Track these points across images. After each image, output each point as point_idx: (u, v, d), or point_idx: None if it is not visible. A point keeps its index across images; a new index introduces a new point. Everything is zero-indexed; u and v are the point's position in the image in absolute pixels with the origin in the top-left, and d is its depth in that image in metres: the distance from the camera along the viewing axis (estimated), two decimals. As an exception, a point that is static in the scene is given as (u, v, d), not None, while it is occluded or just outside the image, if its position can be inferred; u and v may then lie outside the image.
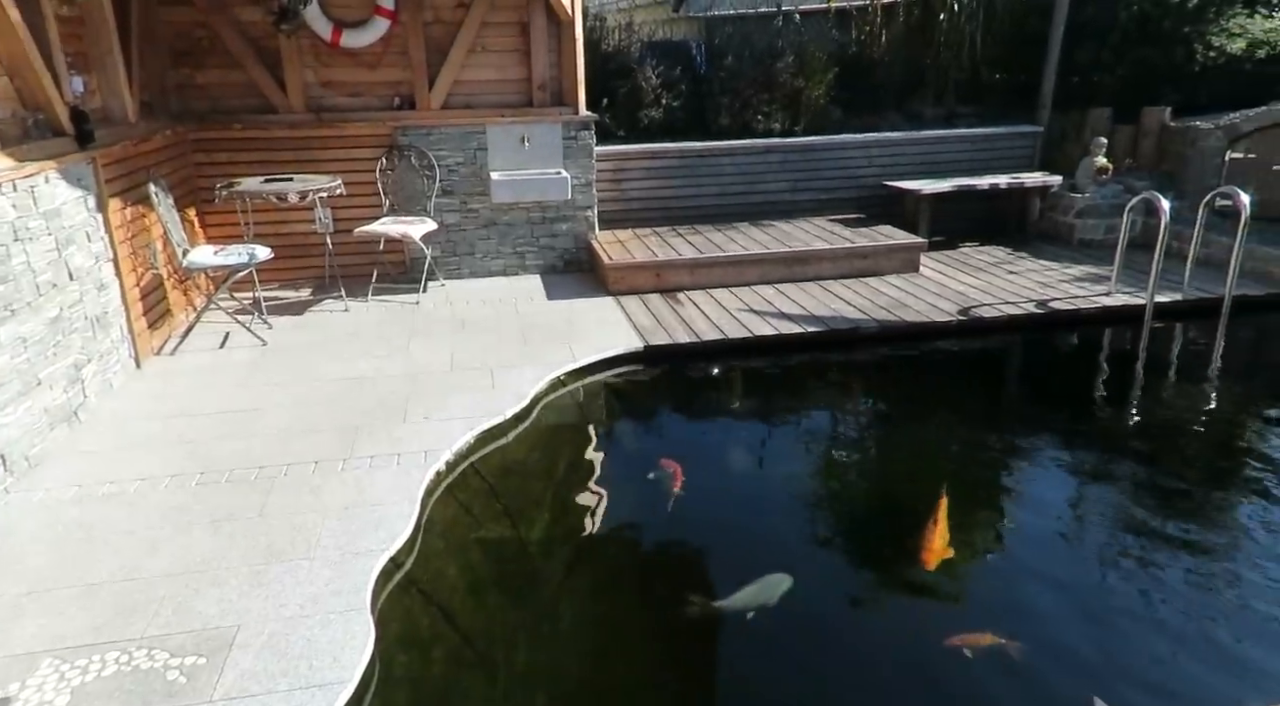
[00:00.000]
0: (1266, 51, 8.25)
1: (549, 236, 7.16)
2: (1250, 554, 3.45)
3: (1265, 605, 3.12)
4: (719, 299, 6.37)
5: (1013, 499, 4.13)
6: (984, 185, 7.83)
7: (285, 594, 2.99)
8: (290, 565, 3.16)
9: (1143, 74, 8.41)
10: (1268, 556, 3.42)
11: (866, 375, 5.60)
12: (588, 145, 6.99)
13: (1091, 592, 3.30)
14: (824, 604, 3.29)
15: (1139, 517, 3.78)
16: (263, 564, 3.17)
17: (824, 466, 4.43)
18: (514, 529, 3.82)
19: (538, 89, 6.88)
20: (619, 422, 5.09)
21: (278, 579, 3.08)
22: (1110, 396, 5.21)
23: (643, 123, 8.03)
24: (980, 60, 8.76)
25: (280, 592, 3.00)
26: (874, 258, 6.90)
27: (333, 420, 4.40)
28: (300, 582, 3.05)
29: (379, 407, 4.55)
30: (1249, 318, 6.11)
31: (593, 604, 3.33)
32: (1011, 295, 6.28)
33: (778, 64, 8.18)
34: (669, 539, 3.82)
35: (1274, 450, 4.39)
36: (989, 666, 2.87)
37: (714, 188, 7.94)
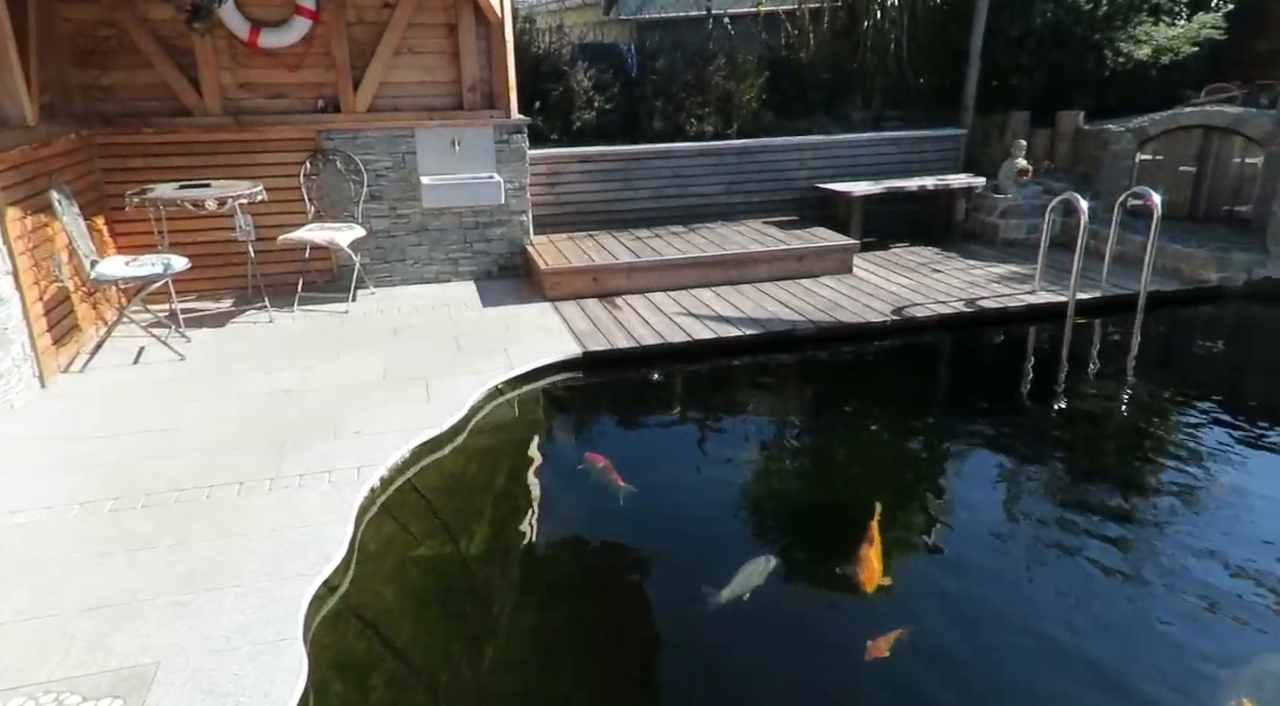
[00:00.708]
0: (1170, 58, 8.66)
1: (483, 242, 7.02)
2: (1177, 543, 3.58)
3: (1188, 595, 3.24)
4: (657, 303, 6.34)
5: (947, 496, 4.21)
6: (912, 187, 8.00)
7: (210, 625, 2.82)
8: (214, 594, 2.98)
9: (1058, 79, 8.73)
10: (1191, 542, 3.55)
11: (805, 377, 5.65)
12: (520, 149, 6.88)
13: (1018, 587, 3.38)
14: (769, 611, 3.28)
15: (1064, 507, 3.89)
16: (184, 594, 2.99)
17: (765, 470, 4.44)
18: (454, 545, 3.71)
19: (468, 91, 6.74)
20: (559, 431, 5.01)
21: (201, 609, 2.90)
22: (1038, 391, 5.36)
23: (576, 126, 7.96)
24: (905, 64, 8.97)
25: (204, 624, 2.83)
26: (809, 259, 6.97)
27: (258, 437, 4.20)
28: (226, 612, 2.89)
29: (307, 423, 4.36)
30: (1162, 312, 6.39)
31: (537, 618, 3.25)
32: (942, 295, 6.43)
33: (709, 67, 8.21)
34: (611, 548, 3.77)
35: (1188, 437, 4.58)
36: (907, 663, 2.89)
37: (649, 191, 7.92)
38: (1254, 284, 6.61)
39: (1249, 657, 2.91)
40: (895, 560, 3.51)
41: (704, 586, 3.21)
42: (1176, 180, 7.74)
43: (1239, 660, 2.90)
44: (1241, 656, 2.92)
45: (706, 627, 3.15)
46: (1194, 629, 3.04)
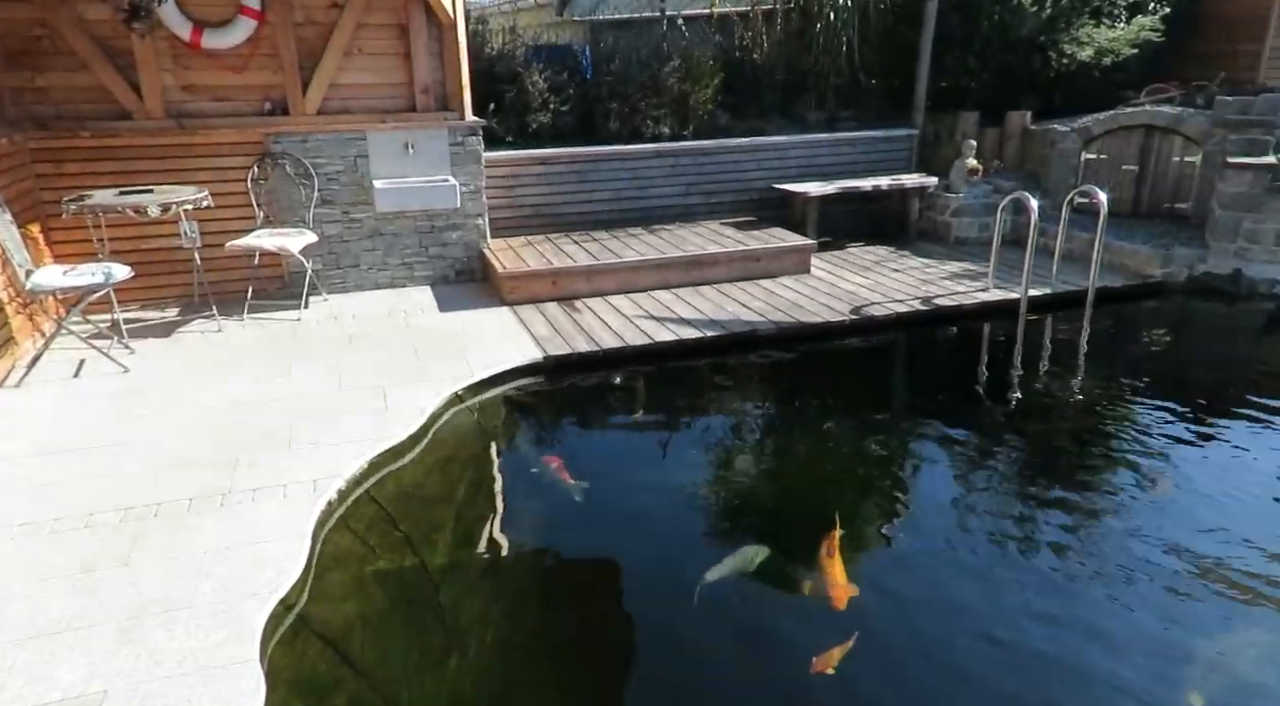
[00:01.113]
0: (1110, 59, 8.90)
1: (438, 246, 6.91)
2: (1129, 533, 3.66)
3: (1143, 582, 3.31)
4: (617, 305, 6.31)
5: (907, 493, 4.25)
6: (867, 186, 8.10)
7: (161, 650, 2.71)
8: (165, 617, 2.87)
9: (1005, 79, 8.91)
10: (1143, 528, 3.63)
11: (767, 377, 5.66)
12: (475, 151, 6.79)
13: (976, 583, 3.42)
14: (736, 613, 3.27)
15: (1020, 501, 3.96)
16: (133, 618, 2.86)
17: (729, 472, 4.42)
18: (415, 557, 3.62)
19: (421, 93, 6.62)
20: (521, 437, 4.94)
21: (151, 634, 2.78)
22: (994, 387, 5.45)
23: (532, 128, 7.88)
24: (857, 66, 9.07)
25: (155, 649, 2.71)
26: (767, 260, 7.00)
27: (208, 452, 4.07)
28: (177, 636, 2.77)
29: (260, 435, 4.23)
30: (1110, 307, 6.56)
31: (502, 628, 3.19)
32: (898, 293, 6.50)
33: (664, 68, 8.20)
34: (575, 554, 3.73)
35: (1137, 429, 4.69)
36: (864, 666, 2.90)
37: (606, 193, 7.88)
38: (1195, 279, 6.82)
39: (1209, 638, 2.99)
40: (853, 560, 3.55)
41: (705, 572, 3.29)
42: (1120, 178, 7.96)
43: (1198, 642, 2.97)
44: (1200, 639, 2.99)
45: (672, 632, 3.14)
46: (1153, 615, 3.10)
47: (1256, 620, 3.08)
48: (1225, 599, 3.19)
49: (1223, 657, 2.93)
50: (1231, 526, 3.64)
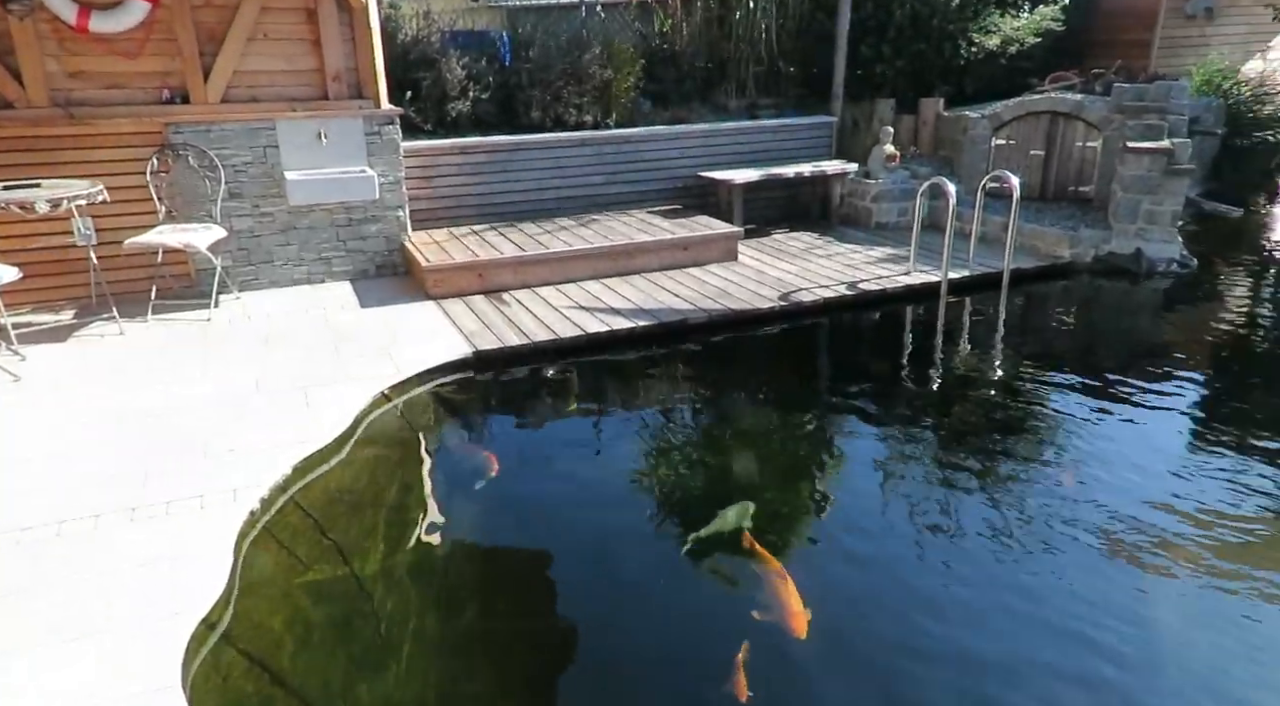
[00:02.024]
0: (1016, 47, 9.22)
1: (357, 240, 6.65)
2: (1046, 500, 3.80)
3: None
4: (546, 297, 6.20)
5: (840, 476, 4.31)
6: (790, 174, 8.18)
7: (69, 682, 2.51)
8: (73, 646, 2.66)
9: (919, 67, 9.14)
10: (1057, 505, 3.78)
11: (700, 365, 5.65)
12: (393, 141, 6.56)
13: (905, 560, 3.49)
14: (675, 605, 3.25)
15: (945, 477, 4.07)
16: (37, 648, 2.65)
17: (664, 462, 4.40)
18: (346, 565, 3.47)
19: (332, 81, 6.34)
20: (452, 435, 4.80)
21: (57, 666, 2.58)
22: (919, 367, 5.59)
23: (451, 116, 7.67)
24: (776, 54, 9.15)
25: (62, 682, 2.51)
26: (695, 248, 7.00)
27: (115, 463, 3.81)
28: (87, 666, 2.58)
29: (172, 443, 3.99)
30: (1024, 287, 6.80)
31: (440, 631, 3.09)
32: (824, 279, 6.60)
33: (585, 56, 8.09)
34: (512, 551, 3.65)
35: (1052, 402, 4.88)
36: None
37: (530, 182, 7.74)
38: (1100, 259, 7.14)
39: (1137, 595, 3.12)
40: (789, 543, 3.61)
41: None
42: (1028, 163, 8.25)
43: (1125, 600, 3.10)
44: (1125, 597, 3.12)
45: (611, 626, 3.11)
46: (1078, 576, 3.22)
47: (1164, 575, 3.24)
48: (1135, 558, 3.33)
49: (1143, 613, 3.07)
50: (1134, 490, 3.82)
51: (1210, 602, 3.14)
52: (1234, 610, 3.09)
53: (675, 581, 3.41)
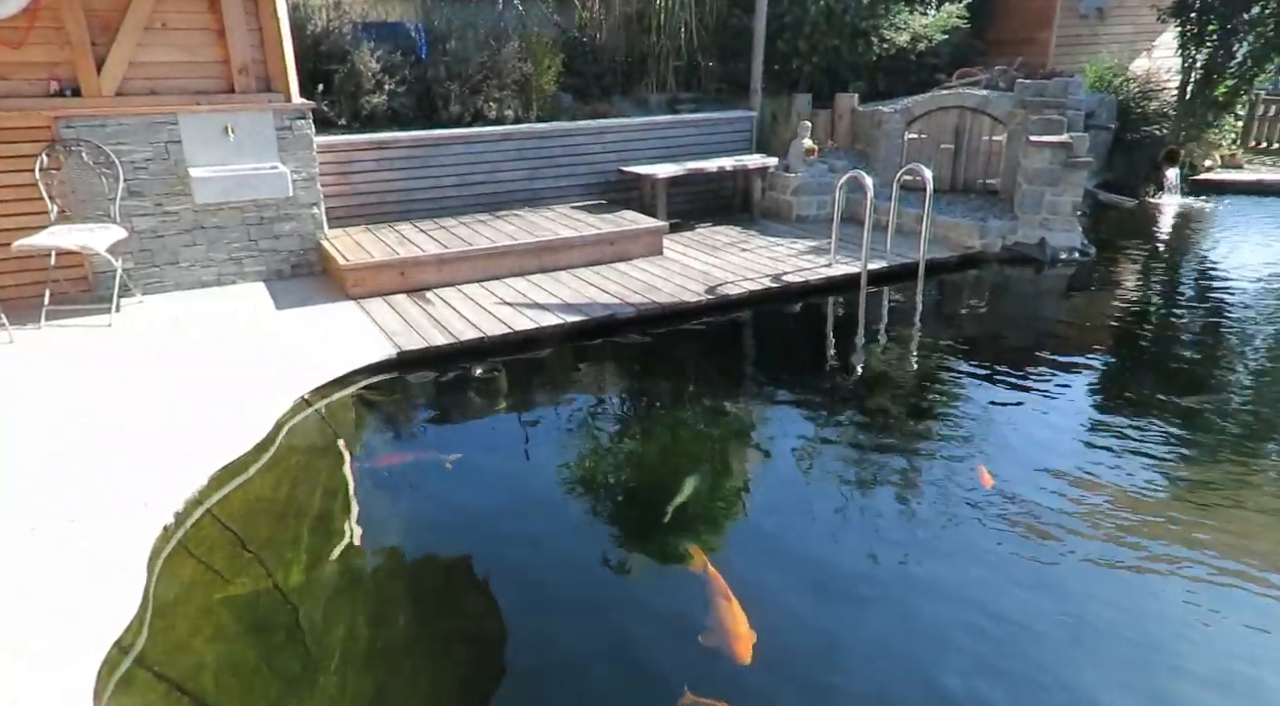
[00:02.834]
0: (925, 44, 9.53)
1: (270, 239, 6.40)
2: (963, 481, 3.95)
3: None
4: (471, 295, 6.10)
5: (767, 466, 4.38)
6: (713, 168, 8.26)
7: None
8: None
9: (833, 63, 9.35)
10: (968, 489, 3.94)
11: (629, 360, 5.65)
12: (306, 136, 6.32)
13: (833, 545, 3.59)
14: (611, 602, 3.25)
15: (868, 462, 4.19)
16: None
17: (595, 459, 4.39)
18: (269, 577, 3.34)
19: (239, 73, 6.07)
20: (377, 439, 4.66)
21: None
22: (842, 356, 5.73)
23: (366, 110, 7.44)
24: (695, 48, 9.21)
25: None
26: (621, 243, 6.99)
27: (13, 481, 3.56)
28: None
29: (76, 458, 3.76)
30: (939, 277, 7.05)
31: (371, 640, 3.01)
32: (749, 272, 6.69)
33: (504, 49, 7.97)
34: (441, 555, 3.58)
35: (966, 386, 5.08)
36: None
37: (450, 178, 7.59)
38: (1008, 249, 7.46)
39: (1043, 568, 3.27)
40: (719, 536, 3.66)
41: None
42: (939, 157, 8.55)
43: (1043, 568, 3.25)
44: (1043, 565, 3.28)
45: (547, 630, 3.08)
46: (991, 552, 3.36)
47: (1067, 548, 3.41)
48: (1042, 532, 3.50)
49: (1050, 584, 3.23)
50: (1047, 465, 4.01)
51: (1109, 572, 3.32)
52: (1134, 580, 3.27)
53: (612, 580, 3.41)
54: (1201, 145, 10.58)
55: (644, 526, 3.79)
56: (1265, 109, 11.45)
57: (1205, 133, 10.40)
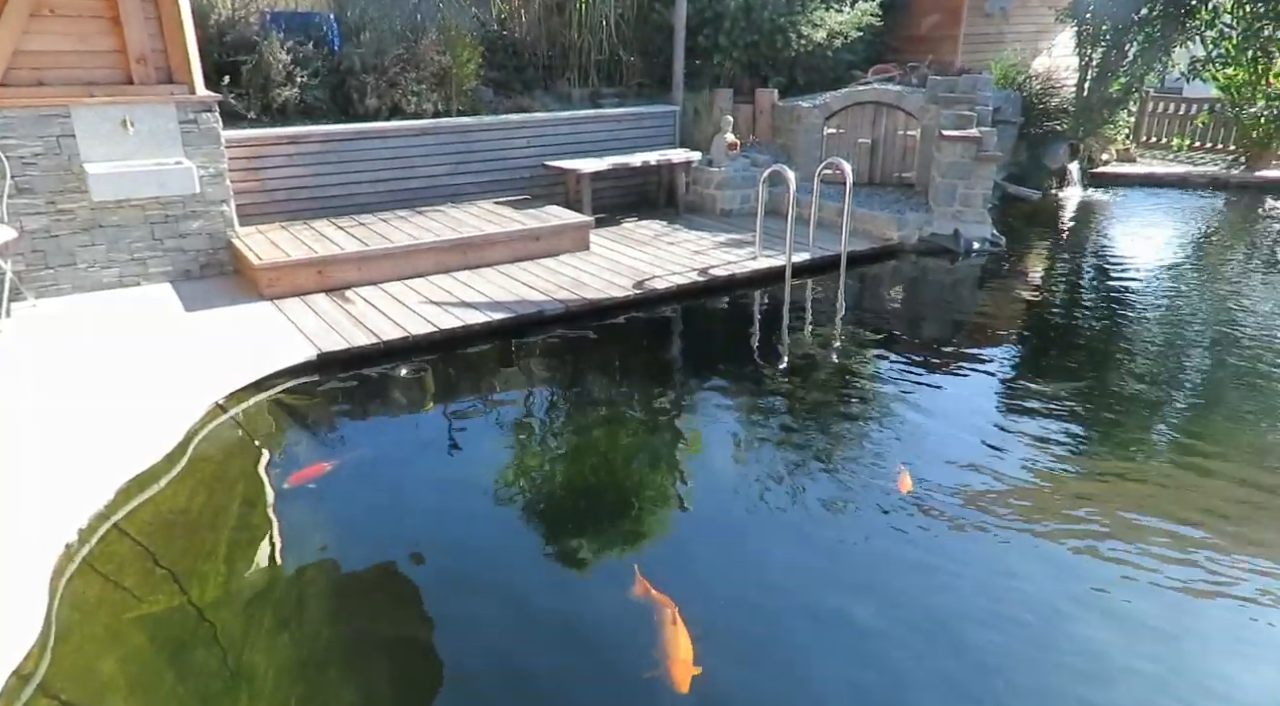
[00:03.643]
0: (841, 40, 9.74)
1: (176, 238, 6.09)
2: (881, 469, 4.06)
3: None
4: (394, 293, 5.94)
5: (696, 460, 4.42)
6: (637, 162, 8.25)
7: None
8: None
9: (753, 58, 9.46)
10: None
11: (559, 357, 5.60)
12: (212, 129, 6.04)
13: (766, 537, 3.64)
14: (543, 609, 3.21)
15: (794, 454, 4.27)
16: None
17: (525, 458, 4.34)
18: (183, 593, 3.18)
19: (137, 63, 5.75)
20: (297, 444, 4.48)
21: None
22: (769, 348, 5.80)
23: (277, 103, 7.16)
24: (617, 43, 9.19)
25: None
26: (547, 239, 6.92)
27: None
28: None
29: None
30: (860, 268, 7.23)
31: (294, 652, 2.90)
32: (676, 266, 6.71)
33: (421, 41, 7.78)
34: (369, 563, 3.46)
35: (886, 375, 5.22)
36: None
37: (368, 174, 7.37)
38: (925, 240, 7.69)
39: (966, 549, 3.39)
40: (653, 532, 3.68)
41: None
42: (857, 151, 8.75)
43: (954, 552, 3.37)
44: (955, 550, 3.39)
45: (475, 634, 3.03)
46: (901, 535, 3.47)
47: (988, 528, 3.54)
48: (961, 521, 3.63)
49: (971, 568, 3.35)
50: (954, 457, 4.13)
51: (1027, 547, 3.46)
52: (1053, 552, 3.43)
53: (544, 585, 3.35)
54: (1098, 140, 11.14)
55: (576, 527, 3.76)
56: (1154, 106, 12.14)
57: (1101, 128, 10.94)
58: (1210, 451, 4.26)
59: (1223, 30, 10.12)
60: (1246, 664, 2.85)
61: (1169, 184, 10.79)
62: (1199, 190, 10.55)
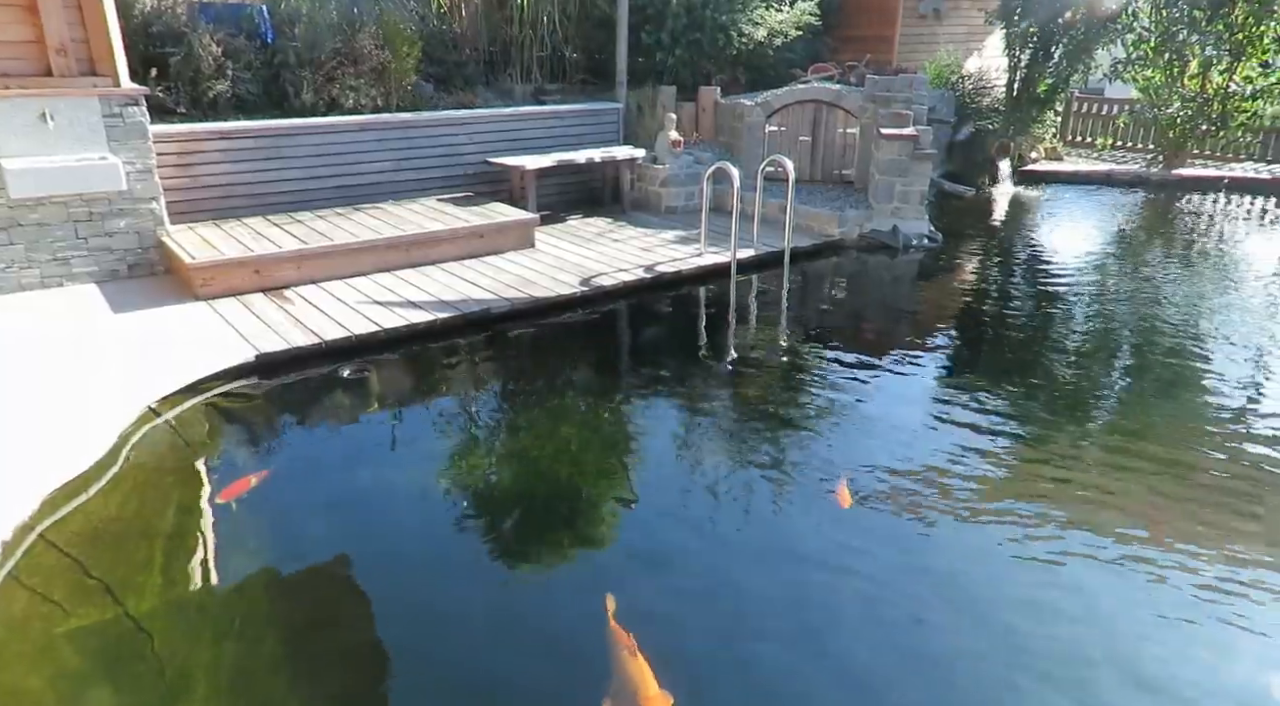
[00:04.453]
0: (781, 39, 9.87)
1: (102, 236, 5.85)
2: (829, 456, 4.14)
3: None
4: (335, 292, 5.80)
5: (646, 455, 4.42)
6: (581, 159, 8.22)
7: None
8: None
9: (696, 56, 9.52)
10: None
11: (506, 355, 5.56)
12: (139, 124, 5.81)
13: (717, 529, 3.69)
14: (491, 607, 3.17)
15: (743, 445, 4.32)
16: None
17: (473, 459, 4.28)
18: (118, 606, 3.06)
19: (56, 54, 5.49)
20: (235, 449, 4.33)
21: None
22: (716, 343, 5.85)
23: (208, 97, 6.93)
24: (561, 39, 9.14)
25: None
26: (491, 236, 6.85)
27: None
28: None
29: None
30: (803, 264, 7.34)
31: (239, 660, 2.82)
32: (622, 263, 6.72)
33: (359, 35, 7.62)
34: (314, 568, 3.37)
35: (828, 368, 5.32)
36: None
37: (305, 170, 7.18)
38: (865, 236, 7.86)
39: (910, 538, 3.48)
40: (600, 530, 3.68)
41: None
42: (798, 148, 8.88)
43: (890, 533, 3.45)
44: (885, 531, 3.48)
45: (423, 641, 2.98)
46: (842, 518, 3.54)
47: (928, 517, 3.65)
48: (902, 505, 3.72)
49: (921, 552, 3.44)
50: (899, 449, 4.23)
51: (974, 535, 3.57)
52: (995, 536, 3.54)
53: (493, 591, 3.28)
54: (1028, 139, 11.53)
55: (522, 530, 3.71)
56: (1079, 106, 12.62)
57: (1031, 127, 11.33)
58: (1137, 432, 4.46)
59: (1141, 34, 10.59)
60: (1177, 637, 2.98)
61: (1094, 181, 11.23)
62: (1122, 187, 11.00)
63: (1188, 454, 4.23)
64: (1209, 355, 5.53)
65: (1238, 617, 3.03)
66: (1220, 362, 5.39)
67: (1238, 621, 3.01)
